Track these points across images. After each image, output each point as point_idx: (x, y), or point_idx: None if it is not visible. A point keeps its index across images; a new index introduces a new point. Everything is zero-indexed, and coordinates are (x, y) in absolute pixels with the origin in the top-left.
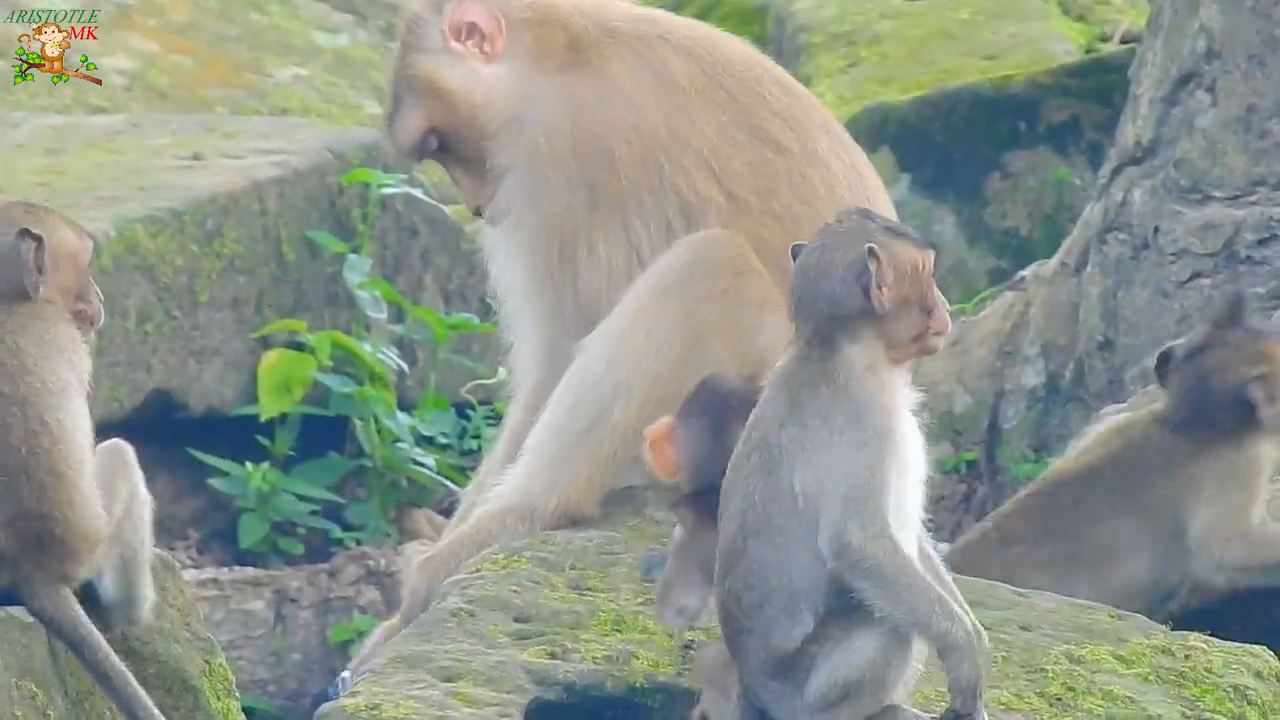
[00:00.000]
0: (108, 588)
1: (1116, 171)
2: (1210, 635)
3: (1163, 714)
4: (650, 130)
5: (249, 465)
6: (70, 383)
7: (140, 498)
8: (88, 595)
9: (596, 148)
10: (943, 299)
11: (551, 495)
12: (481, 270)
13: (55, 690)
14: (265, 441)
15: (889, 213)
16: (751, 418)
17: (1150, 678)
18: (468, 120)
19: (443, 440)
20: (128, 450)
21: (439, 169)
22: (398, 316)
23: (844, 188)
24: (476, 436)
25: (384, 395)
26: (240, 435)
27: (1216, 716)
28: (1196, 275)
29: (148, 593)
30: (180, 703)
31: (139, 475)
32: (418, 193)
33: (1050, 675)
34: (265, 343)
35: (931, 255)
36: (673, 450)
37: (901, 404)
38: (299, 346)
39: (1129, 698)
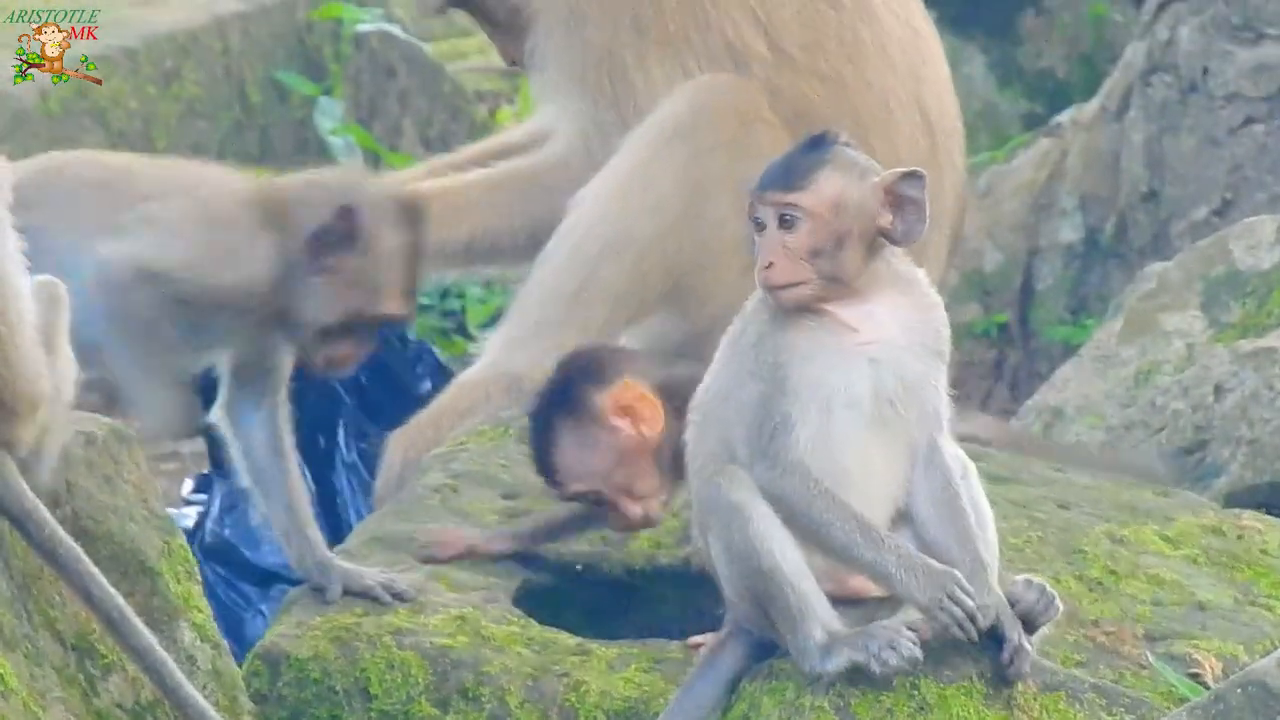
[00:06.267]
0: None
1: (1162, 7)
2: (1265, 513)
3: (1212, 599)
4: None
5: None
6: (2, 218)
7: (66, 343)
8: None
9: None
10: (760, 253)
11: (537, 364)
12: (465, 115)
13: None
14: None
15: (942, 80)
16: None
17: (1199, 560)
18: None
19: (424, 301)
20: (61, 288)
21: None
22: (373, 164)
23: (896, 49)
24: (461, 296)
25: None
26: None
27: (1271, 602)
28: (1249, 121)
29: (55, 450)
30: (137, 587)
31: (67, 318)
32: (395, 29)
33: (1090, 557)
34: None
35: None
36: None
37: (806, 336)
38: None
39: (1176, 581)
